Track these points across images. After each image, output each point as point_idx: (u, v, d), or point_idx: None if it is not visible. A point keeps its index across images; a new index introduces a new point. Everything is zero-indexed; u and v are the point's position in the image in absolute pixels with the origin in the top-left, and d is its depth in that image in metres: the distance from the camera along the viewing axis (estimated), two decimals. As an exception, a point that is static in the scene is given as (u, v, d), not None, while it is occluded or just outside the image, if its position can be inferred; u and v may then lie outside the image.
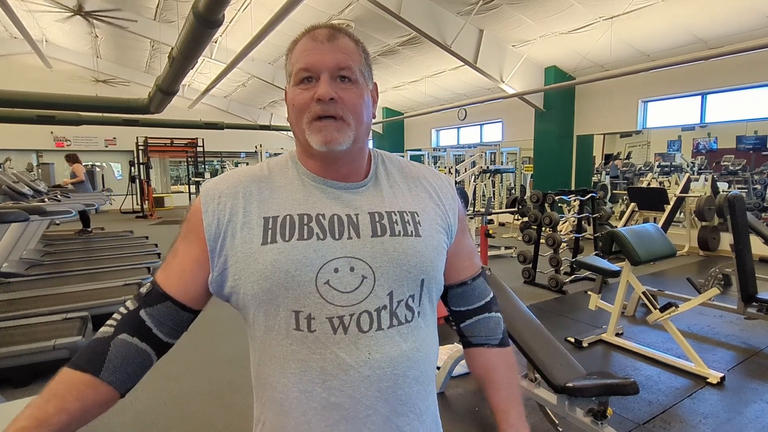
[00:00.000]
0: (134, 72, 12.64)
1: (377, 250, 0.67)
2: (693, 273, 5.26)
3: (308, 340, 0.64)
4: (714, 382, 2.61)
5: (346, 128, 0.67)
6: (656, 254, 3.06)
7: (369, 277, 0.66)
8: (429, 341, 0.72)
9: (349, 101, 0.67)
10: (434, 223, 0.73)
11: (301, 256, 0.64)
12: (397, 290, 0.67)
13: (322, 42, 0.67)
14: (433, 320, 0.74)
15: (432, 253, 0.71)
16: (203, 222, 0.68)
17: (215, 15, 3.94)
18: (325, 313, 0.64)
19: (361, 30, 7.36)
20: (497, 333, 0.81)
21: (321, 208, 0.68)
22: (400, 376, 0.66)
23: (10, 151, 11.21)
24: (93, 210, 9.68)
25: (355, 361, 0.64)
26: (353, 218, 0.68)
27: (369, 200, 0.71)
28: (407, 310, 0.68)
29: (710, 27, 5.78)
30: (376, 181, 0.74)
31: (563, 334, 3.29)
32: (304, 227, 0.66)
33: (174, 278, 0.69)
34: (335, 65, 0.66)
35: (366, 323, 0.65)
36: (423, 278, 0.69)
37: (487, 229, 4.37)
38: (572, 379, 1.85)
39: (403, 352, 0.67)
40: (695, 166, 10.07)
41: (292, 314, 0.65)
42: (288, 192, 0.70)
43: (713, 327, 3.53)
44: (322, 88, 0.65)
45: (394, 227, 0.69)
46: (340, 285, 0.65)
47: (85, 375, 0.62)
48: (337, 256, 0.65)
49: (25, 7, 8.36)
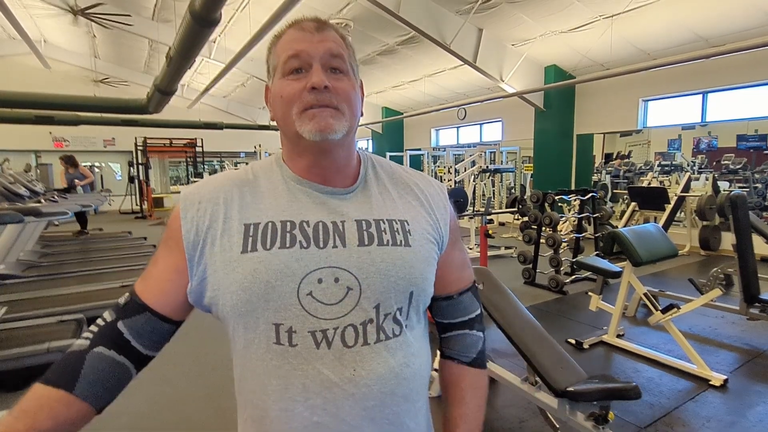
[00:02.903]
0: (133, 72, 12.60)
1: (364, 260, 0.63)
2: (694, 273, 5.22)
3: (289, 355, 0.61)
4: (717, 384, 2.58)
5: (341, 116, 0.63)
6: (658, 255, 3.03)
7: (355, 288, 0.62)
8: (419, 356, 0.68)
9: (342, 91, 0.63)
10: (425, 232, 0.69)
11: (283, 265, 0.61)
12: (384, 303, 0.63)
13: (311, 32, 0.64)
14: (421, 333, 0.70)
15: (422, 264, 0.67)
16: (182, 229, 0.64)
17: (212, 14, 3.91)
18: (307, 326, 0.60)
19: (360, 29, 7.34)
20: (471, 352, 0.77)
21: (305, 214, 0.65)
22: (388, 394, 0.63)
23: (9, 152, 11.16)
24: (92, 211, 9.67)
25: (339, 378, 0.60)
26: (339, 226, 0.64)
27: (357, 207, 0.67)
28: (395, 323, 0.64)
29: (711, 25, 5.75)
30: (365, 186, 0.70)
31: (564, 336, 3.26)
32: (287, 234, 0.63)
33: (153, 288, 0.66)
34: (327, 52, 0.63)
35: (351, 338, 0.61)
36: (412, 290, 0.65)
37: (487, 229, 4.34)
38: (573, 383, 1.82)
39: (391, 368, 0.63)
40: (696, 165, 10.04)
41: (272, 327, 0.61)
42: (271, 197, 0.66)
43: (715, 328, 3.50)
44: (316, 76, 0.61)
45: (383, 236, 0.65)
46: (323, 297, 0.61)
47: (58, 391, 0.59)
48: (322, 266, 0.62)
49: (23, 6, 8.32)
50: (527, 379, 2.17)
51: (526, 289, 4.66)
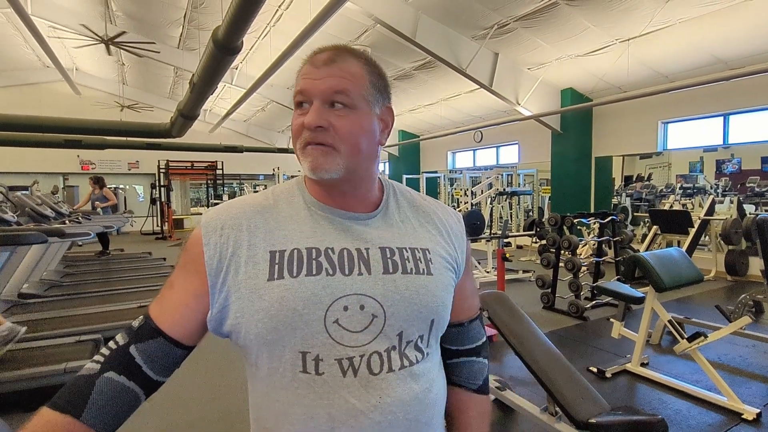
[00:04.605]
0: (158, 98, 13.08)
1: (389, 288, 0.63)
2: (721, 299, 5.03)
3: (316, 384, 0.60)
4: (749, 418, 2.44)
5: (334, 155, 0.63)
6: (682, 280, 2.93)
7: (379, 316, 0.62)
8: (438, 382, 0.69)
9: (341, 129, 0.63)
10: (444, 261, 0.70)
11: (310, 293, 0.61)
12: (407, 330, 0.64)
13: (319, 67, 0.64)
14: (438, 359, 0.71)
15: (442, 292, 0.68)
16: (204, 255, 0.64)
17: (234, 42, 4.05)
18: (334, 354, 0.60)
19: (377, 55, 7.49)
20: (478, 379, 0.78)
21: (330, 241, 0.65)
22: (413, 421, 0.63)
23: (39, 174, 11.59)
24: (114, 231, 9.90)
25: (365, 406, 0.60)
26: (364, 253, 0.65)
27: (379, 234, 0.68)
28: (416, 351, 0.65)
29: (729, 47, 5.70)
30: (386, 213, 0.71)
31: (585, 364, 3.15)
32: (313, 262, 0.63)
33: (169, 312, 0.65)
34: (328, 90, 0.62)
35: (377, 365, 0.61)
36: (433, 318, 0.66)
37: (504, 252, 4.28)
38: (595, 414, 1.74)
39: (415, 395, 0.63)
40: (719, 188, 9.80)
41: (299, 355, 0.61)
42: (295, 223, 0.66)
43: (746, 358, 3.34)
44: (309, 116, 0.62)
45: (406, 264, 0.66)
46: (349, 324, 0.61)
47: (65, 417, 0.58)
48: (348, 293, 0.62)
49: (58, 38, 8.76)
50: (547, 409, 2.09)
51: (545, 314, 4.55)
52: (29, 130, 7.75)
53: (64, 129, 7.81)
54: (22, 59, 10.94)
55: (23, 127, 7.54)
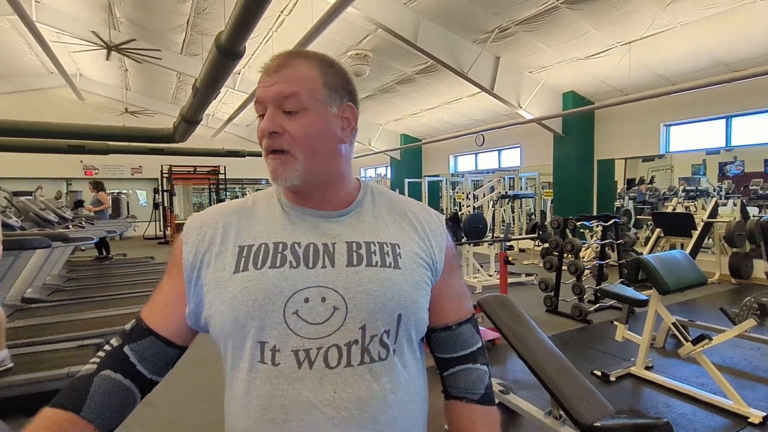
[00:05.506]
0: (161, 103, 13.13)
1: (351, 280, 0.63)
2: (725, 302, 5.00)
3: (272, 375, 0.60)
4: (756, 422, 2.42)
5: (291, 162, 0.64)
6: (685, 282, 2.92)
7: (341, 308, 0.61)
8: (409, 384, 0.66)
9: (294, 132, 0.63)
10: (416, 256, 0.68)
11: (271, 284, 0.61)
12: (370, 324, 0.62)
13: (270, 74, 0.64)
14: (413, 361, 0.68)
15: (411, 287, 0.66)
16: (182, 254, 0.67)
17: (237, 47, 4.07)
18: (291, 345, 0.60)
19: (379, 59, 7.52)
20: (479, 387, 0.72)
21: (298, 236, 0.66)
22: (371, 420, 0.61)
23: (43, 180, 11.65)
24: (117, 236, 9.91)
25: (318, 400, 0.59)
26: (330, 247, 0.65)
27: (349, 229, 0.68)
28: (381, 346, 0.63)
29: (731, 50, 5.69)
30: (359, 210, 0.71)
31: (589, 367, 3.13)
32: (278, 255, 0.64)
33: (157, 312, 0.68)
34: (278, 95, 0.63)
35: (334, 358, 0.60)
36: (400, 313, 0.64)
37: (507, 255, 4.27)
38: (600, 417, 1.73)
39: (374, 392, 0.61)
40: (722, 191, 9.76)
41: (257, 345, 0.61)
42: (267, 221, 0.68)
43: (751, 361, 3.32)
44: (264, 122, 0.64)
45: (372, 257, 0.65)
46: (309, 316, 0.61)
47: (66, 413, 0.60)
48: (309, 286, 0.62)
49: (61, 42, 8.83)
50: (551, 412, 2.08)
51: (549, 317, 4.53)
52: (33, 135, 7.79)
53: (67, 134, 7.85)
54: (27, 65, 11.02)
55: (27, 132, 7.59)
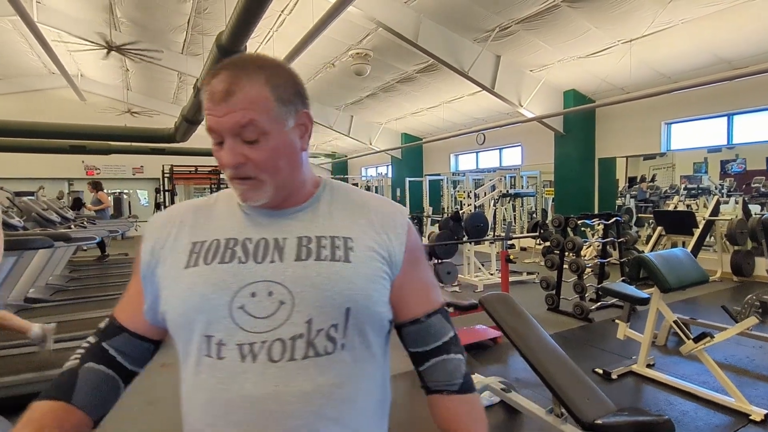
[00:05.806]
0: (162, 103, 13.14)
1: (299, 274, 0.63)
2: (727, 300, 5.00)
3: (216, 369, 0.61)
4: (757, 419, 2.42)
5: (260, 186, 0.64)
6: (687, 280, 2.92)
7: (287, 302, 0.61)
8: (359, 379, 0.65)
9: (258, 160, 0.63)
10: (369, 250, 0.67)
11: (219, 279, 0.62)
12: (317, 318, 0.62)
13: (218, 103, 0.61)
14: (368, 356, 0.67)
15: (362, 280, 0.65)
16: (141, 252, 0.69)
17: (237, 47, 4.08)
18: (236, 339, 0.60)
19: (379, 58, 7.52)
20: (456, 377, 0.70)
21: (250, 233, 0.67)
22: (315, 414, 0.60)
23: (44, 180, 11.67)
24: (119, 236, 9.94)
25: (260, 394, 0.59)
26: (280, 242, 0.66)
27: (303, 225, 0.68)
28: (328, 340, 0.62)
29: (733, 47, 5.68)
30: (316, 206, 0.71)
31: (590, 365, 3.13)
32: (228, 250, 0.65)
33: (126, 311, 0.71)
34: (235, 126, 0.61)
35: (278, 352, 0.60)
36: (349, 306, 0.63)
37: (508, 254, 4.27)
38: (602, 415, 1.74)
39: (318, 386, 0.61)
40: (724, 189, 9.74)
41: (204, 339, 0.62)
42: (223, 219, 0.69)
43: (753, 359, 3.32)
44: (225, 156, 0.63)
45: (321, 251, 0.65)
46: (255, 310, 0.61)
47: (57, 402, 0.62)
48: (257, 280, 0.62)
49: (62, 42, 8.84)
50: (552, 410, 2.08)
51: (550, 315, 4.54)
52: (35, 136, 7.83)
53: (69, 135, 7.88)
54: (28, 66, 11.03)
55: (29, 133, 7.62)
